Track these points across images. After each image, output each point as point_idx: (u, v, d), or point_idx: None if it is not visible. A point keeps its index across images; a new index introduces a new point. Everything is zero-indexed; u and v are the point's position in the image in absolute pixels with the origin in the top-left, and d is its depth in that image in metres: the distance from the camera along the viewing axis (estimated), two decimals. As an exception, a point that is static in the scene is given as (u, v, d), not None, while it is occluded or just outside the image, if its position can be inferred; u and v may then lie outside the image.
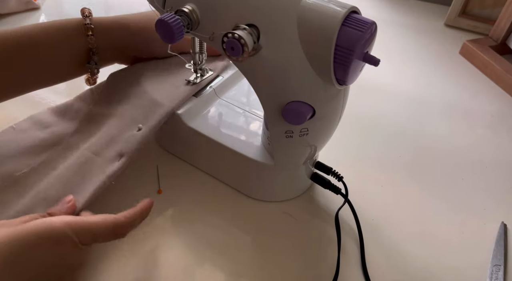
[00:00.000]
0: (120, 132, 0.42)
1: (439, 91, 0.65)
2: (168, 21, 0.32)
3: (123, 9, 0.78)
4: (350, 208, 0.43)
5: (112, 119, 0.44)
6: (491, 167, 0.52)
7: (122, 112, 0.44)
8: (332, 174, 0.44)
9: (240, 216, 0.44)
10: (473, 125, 0.59)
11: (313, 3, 0.31)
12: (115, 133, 0.42)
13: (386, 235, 0.43)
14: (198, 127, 0.44)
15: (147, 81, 0.47)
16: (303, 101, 0.34)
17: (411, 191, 0.48)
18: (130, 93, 0.46)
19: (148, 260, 0.39)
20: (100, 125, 0.44)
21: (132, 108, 0.44)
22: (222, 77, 0.49)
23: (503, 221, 0.45)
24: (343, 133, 0.47)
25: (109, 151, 0.41)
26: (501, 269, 0.40)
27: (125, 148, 0.40)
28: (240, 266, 0.39)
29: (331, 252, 0.41)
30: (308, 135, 0.37)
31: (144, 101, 0.44)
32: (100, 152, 0.41)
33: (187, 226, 0.42)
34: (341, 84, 0.33)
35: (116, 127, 0.43)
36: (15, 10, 0.74)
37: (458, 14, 0.79)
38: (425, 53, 0.74)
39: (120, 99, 0.46)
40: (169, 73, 0.48)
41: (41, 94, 0.56)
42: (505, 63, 0.67)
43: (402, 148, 0.54)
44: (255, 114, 0.47)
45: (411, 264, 0.40)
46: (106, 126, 0.44)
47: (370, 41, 0.32)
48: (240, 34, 0.31)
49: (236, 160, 0.42)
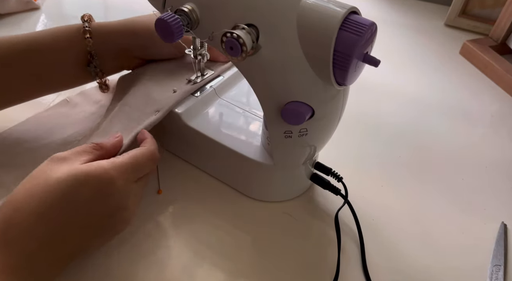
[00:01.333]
0: (158, 94, 0.45)
1: (439, 91, 0.65)
2: (168, 21, 0.32)
3: (123, 9, 0.78)
4: (350, 209, 0.43)
5: (149, 87, 0.47)
6: (491, 167, 0.52)
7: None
8: (331, 174, 0.44)
9: (240, 216, 0.44)
10: (473, 125, 0.59)
11: (313, 3, 0.31)
12: (153, 95, 0.45)
13: (386, 236, 0.43)
14: (198, 127, 0.44)
15: (151, 80, 0.48)
16: (302, 102, 0.34)
17: (411, 191, 0.48)
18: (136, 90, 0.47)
19: (148, 260, 0.39)
20: (137, 91, 0.47)
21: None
22: (222, 77, 0.49)
23: (503, 221, 0.45)
24: (343, 134, 0.47)
25: (147, 108, 0.44)
26: (501, 269, 0.40)
27: (161, 106, 0.43)
28: (240, 266, 0.39)
29: (331, 252, 0.41)
30: (307, 135, 0.37)
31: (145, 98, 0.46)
32: (140, 108, 0.44)
33: (187, 226, 0.42)
34: (340, 84, 0.33)
35: (154, 91, 0.46)
36: (15, 10, 0.74)
37: (458, 14, 0.79)
38: (425, 53, 0.74)
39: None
40: (171, 74, 0.49)
41: (41, 94, 0.56)
42: (505, 63, 0.67)
43: (402, 148, 0.54)
44: (255, 114, 0.47)
45: (411, 264, 0.40)
46: (144, 90, 0.46)
47: (370, 42, 0.32)
48: (239, 34, 0.31)
49: (236, 160, 0.42)
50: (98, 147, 0.36)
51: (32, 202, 0.30)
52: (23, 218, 0.30)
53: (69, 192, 0.31)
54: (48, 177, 0.31)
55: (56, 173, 0.32)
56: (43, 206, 0.30)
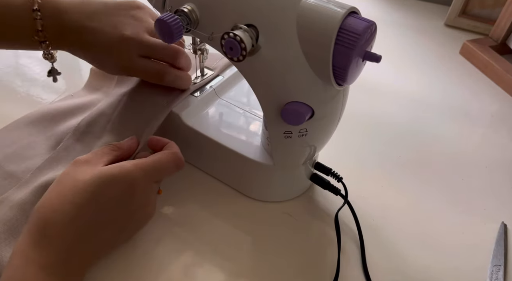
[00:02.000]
0: (165, 89, 0.46)
1: (439, 91, 0.65)
2: (167, 21, 0.32)
3: (123, 10, 0.78)
4: (350, 209, 0.43)
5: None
6: (491, 167, 0.52)
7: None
8: (331, 175, 0.44)
9: (240, 216, 0.44)
10: (473, 125, 0.58)
11: (313, 3, 0.31)
12: (160, 88, 0.46)
13: (386, 236, 0.43)
14: (197, 127, 0.44)
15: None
16: (302, 102, 0.34)
17: (411, 191, 0.48)
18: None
19: (148, 260, 0.39)
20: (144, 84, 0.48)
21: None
22: (222, 77, 0.49)
23: (503, 221, 0.45)
24: (343, 134, 0.47)
25: (157, 98, 0.45)
26: (501, 269, 0.40)
27: (170, 98, 0.45)
28: (240, 266, 0.39)
29: (331, 252, 0.41)
30: (307, 135, 0.37)
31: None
32: (151, 100, 0.45)
33: (186, 226, 0.42)
34: (340, 84, 0.33)
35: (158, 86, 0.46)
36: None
37: (458, 14, 0.79)
38: (425, 53, 0.74)
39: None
40: None
41: (42, 95, 0.57)
42: (505, 63, 0.67)
43: (402, 148, 0.54)
44: (255, 114, 0.47)
45: (412, 265, 0.40)
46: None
47: (369, 41, 0.32)
48: (238, 34, 0.31)
49: (236, 160, 0.42)
50: (116, 148, 0.39)
51: (65, 203, 0.33)
52: (59, 218, 0.32)
53: (97, 192, 0.34)
54: (75, 180, 0.34)
55: (82, 176, 0.34)
56: (74, 207, 0.33)
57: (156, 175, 0.38)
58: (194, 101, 0.45)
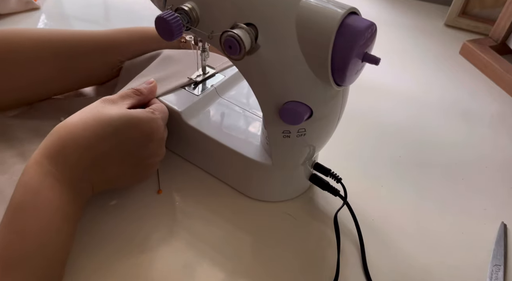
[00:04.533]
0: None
1: (439, 91, 0.65)
2: (167, 19, 0.32)
3: (123, 9, 0.77)
4: (349, 210, 0.43)
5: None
6: (491, 167, 0.52)
7: None
8: (331, 175, 0.44)
9: (240, 216, 0.43)
10: (473, 125, 0.58)
11: (312, 3, 0.31)
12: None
13: (386, 236, 0.43)
14: (198, 126, 0.44)
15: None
16: (301, 101, 0.34)
17: (411, 191, 0.48)
18: None
19: (148, 260, 0.39)
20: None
21: None
22: (224, 76, 0.49)
23: (503, 221, 0.45)
24: (342, 134, 0.47)
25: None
26: (501, 269, 0.40)
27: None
28: (240, 266, 0.39)
29: (330, 253, 0.41)
30: (305, 135, 0.37)
31: None
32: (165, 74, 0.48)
33: (186, 225, 0.42)
34: (339, 85, 0.33)
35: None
36: (15, 10, 0.74)
37: (458, 14, 0.79)
38: (425, 53, 0.74)
39: None
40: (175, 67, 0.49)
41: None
42: (505, 63, 0.67)
43: (402, 148, 0.54)
44: (255, 114, 0.47)
45: (411, 265, 0.40)
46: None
47: (369, 42, 0.31)
48: (237, 33, 0.31)
49: (235, 159, 0.42)
50: (139, 92, 0.42)
51: (87, 129, 0.36)
52: (79, 141, 0.35)
53: (120, 130, 0.37)
54: (101, 113, 0.37)
55: (108, 111, 0.37)
56: (95, 136, 0.36)
57: (165, 114, 0.42)
58: (195, 99, 0.45)
